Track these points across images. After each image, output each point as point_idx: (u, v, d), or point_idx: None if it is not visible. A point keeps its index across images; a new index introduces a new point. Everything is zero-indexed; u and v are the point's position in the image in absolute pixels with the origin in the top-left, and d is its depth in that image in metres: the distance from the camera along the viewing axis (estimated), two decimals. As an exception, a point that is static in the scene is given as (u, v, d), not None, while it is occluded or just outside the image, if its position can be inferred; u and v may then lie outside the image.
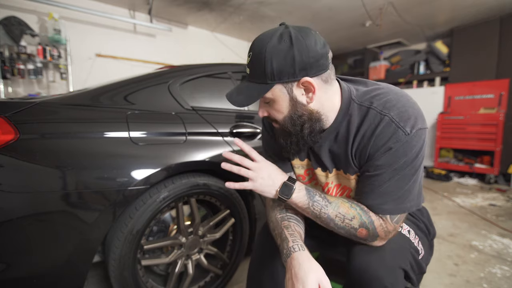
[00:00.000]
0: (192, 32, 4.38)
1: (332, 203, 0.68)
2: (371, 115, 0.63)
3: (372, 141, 0.62)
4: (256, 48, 0.61)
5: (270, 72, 0.59)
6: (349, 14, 3.78)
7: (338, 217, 0.66)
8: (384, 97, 0.64)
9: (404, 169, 0.61)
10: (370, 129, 0.63)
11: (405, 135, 0.59)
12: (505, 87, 3.77)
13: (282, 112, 0.65)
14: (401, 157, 0.60)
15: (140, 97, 1.20)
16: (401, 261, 0.66)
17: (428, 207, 2.68)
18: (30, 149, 0.86)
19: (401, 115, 0.60)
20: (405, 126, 0.59)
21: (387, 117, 0.61)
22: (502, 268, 1.61)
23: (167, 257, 1.18)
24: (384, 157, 0.61)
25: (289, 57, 0.58)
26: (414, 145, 0.59)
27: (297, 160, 0.82)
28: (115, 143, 1.02)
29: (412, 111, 0.61)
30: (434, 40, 4.70)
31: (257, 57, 0.61)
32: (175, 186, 1.12)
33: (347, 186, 0.75)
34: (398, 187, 0.62)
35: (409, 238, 0.74)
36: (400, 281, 0.64)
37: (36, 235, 0.86)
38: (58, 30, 2.98)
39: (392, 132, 0.60)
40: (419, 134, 0.60)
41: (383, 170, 0.62)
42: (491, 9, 3.64)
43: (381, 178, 0.62)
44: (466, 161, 4.08)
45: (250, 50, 0.63)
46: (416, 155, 0.60)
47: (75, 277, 0.95)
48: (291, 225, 0.71)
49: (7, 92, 2.83)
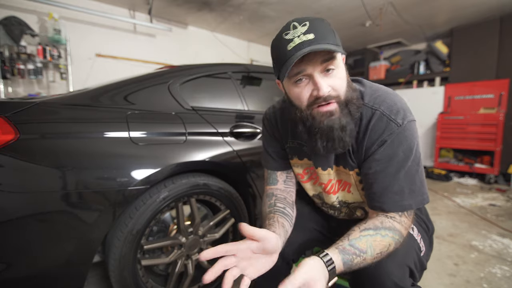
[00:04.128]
0: (192, 32, 4.38)
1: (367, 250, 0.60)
2: (364, 111, 0.66)
3: (367, 135, 0.65)
4: (310, 18, 0.59)
5: (337, 39, 0.61)
6: (349, 14, 3.78)
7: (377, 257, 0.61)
8: (373, 94, 0.67)
9: (406, 161, 0.63)
10: (363, 124, 0.66)
11: (398, 127, 0.62)
12: (505, 87, 3.77)
13: (344, 80, 0.63)
14: (397, 147, 0.62)
15: (140, 97, 1.20)
16: (408, 259, 0.67)
17: (428, 207, 2.68)
18: (30, 149, 0.86)
19: (391, 109, 0.64)
20: (396, 118, 0.63)
21: (378, 111, 0.64)
22: (502, 268, 1.61)
23: (167, 257, 1.18)
24: (381, 151, 0.63)
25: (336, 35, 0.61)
26: (407, 136, 0.62)
27: (296, 159, 0.83)
28: (115, 143, 1.02)
29: (400, 105, 0.65)
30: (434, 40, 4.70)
31: (321, 24, 0.59)
32: (175, 186, 1.12)
33: (347, 182, 0.76)
34: (409, 181, 0.64)
35: (414, 235, 0.75)
36: (407, 277, 0.65)
37: (36, 235, 0.86)
38: (58, 30, 2.98)
39: (385, 125, 0.63)
40: (411, 125, 0.63)
41: (385, 164, 0.63)
42: (491, 9, 3.64)
43: (387, 174, 0.64)
44: (466, 161, 4.08)
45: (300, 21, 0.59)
46: (413, 146, 0.63)
47: (75, 277, 0.95)
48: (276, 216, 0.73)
49: (7, 92, 2.83)
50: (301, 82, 0.62)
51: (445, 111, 4.29)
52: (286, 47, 0.59)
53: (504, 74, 3.84)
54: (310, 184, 0.85)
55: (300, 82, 0.62)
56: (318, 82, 0.59)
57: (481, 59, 4.06)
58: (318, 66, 0.59)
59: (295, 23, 0.59)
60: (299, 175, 0.85)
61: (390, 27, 4.24)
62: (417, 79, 4.78)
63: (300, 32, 0.58)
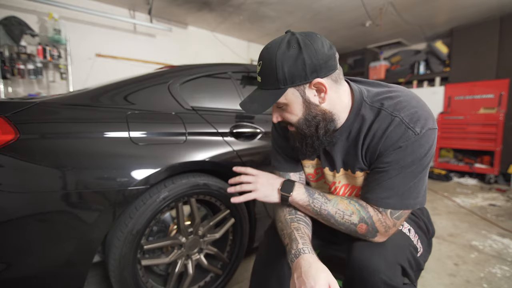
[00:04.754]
0: (192, 32, 4.38)
1: (332, 200, 0.72)
2: (382, 116, 0.65)
3: (382, 140, 0.65)
4: (266, 56, 0.63)
5: (282, 77, 0.62)
6: (349, 14, 3.78)
7: (337, 213, 0.70)
8: (395, 99, 0.66)
9: (411, 166, 0.63)
10: (381, 129, 0.65)
11: (415, 135, 0.62)
12: (505, 87, 3.77)
13: (296, 114, 0.67)
14: (410, 154, 0.62)
15: (140, 97, 1.20)
16: (400, 258, 0.68)
17: (428, 207, 2.69)
18: (30, 149, 0.86)
19: (411, 116, 0.63)
20: (415, 127, 0.62)
21: (398, 118, 0.63)
22: (502, 268, 1.61)
23: (167, 257, 1.18)
24: (393, 155, 0.64)
25: (300, 61, 0.60)
26: (422, 144, 0.62)
27: (307, 160, 0.83)
28: (115, 143, 1.02)
29: (422, 112, 0.63)
30: (434, 40, 4.70)
31: (268, 65, 0.63)
32: (175, 186, 1.12)
33: (355, 186, 0.76)
34: (403, 183, 0.64)
35: (409, 236, 0.75)
36: (398, 276, 0.66)
37: (36, 235, 0.86)
38: (58, 30, 2.98)
39: (403, 132, 0.62)
40: (428, 134, 0.62)
41: (391, 166, 0.64)
42: (491, 9, 3.64)
43: (388, 174, 0.65)
44: (466, 161, 4.08)
45: (259, 59, 0.66)
46: (424, 154, 0.62)
47: (75, 277, 0.95)
48: (301, 227, 0.72)
49: (7, 92, 2.83)
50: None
51: (445, 111, 4.29)
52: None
53: (504, 74, 3.84)
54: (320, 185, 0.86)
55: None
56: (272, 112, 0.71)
57: (481, 59, 4.06)
58: None
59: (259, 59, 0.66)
60: (310, 175, 0.86)
61: (390, 27, 4.24)
62: (417, 79, 4.78)
63: (258, 70, 0.66)
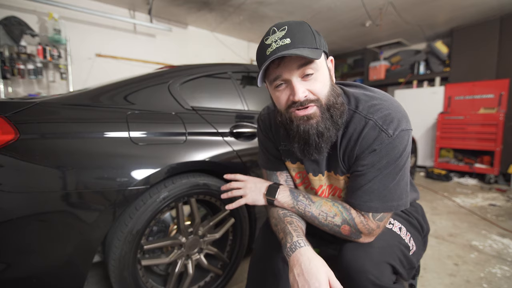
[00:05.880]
0: (192, 32, 4.38)
1: (316, 202, 0.73)
2: (357, 119, 0.66)
3: (358, 143, 0.65)
4: (290, 22, 0.61)
5: (318, 39, 0.61)
6: (349, 14, 3.78)
7: (321, 215, 0.71)
8: (369, 101, 0.66)
9: (387, 168, 0.63)
10: (356, 132, 0.66)
11: (388, 137, 0.62)
12: (505, 87, 3.77)
13: (326, 84, 0.63)
14: (384, 156, 0.63)
15: (140, 97, 1.20)
16: (389, 257, 0.69)
17: (428, 207, 2.69)
18: (30, 149, 0.86)
19: (385, 119, 0.63)
20: (388, 129, 0.62)
21: (371, 121, 0.64)
22: (502, 268, 1.61)
23: (167, 257, 1.18)
24: (369, 157, 0.64)
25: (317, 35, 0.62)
26: (396, 146, 0.62)
27: (289, 163, 0.84)
28: (115, 143, 1.02)
29: (395, 114, 0.63)
30: (434, 40, 4.70)
31: (299, 27, 0.60)
32: (175, 186, 1.12)
33: (337, 187, 0.77)
34: (382, 185, 0.64)
35: (400, 235, 0.75)
36: (386, 275, 0.66)
37: (36, 235, 0.86)
38: (58, 30, 2.98)
39: (376, 135, 0.63)
40: (402, 135, 0.62)
41: (368, 169, 0.65)
42: (491, 9, 3.64)
43: (366, 177, 0.65)
44: (466, 161, 4.08)
45: (279, 26, 0.61)
46: (399, 155, 0.63)
47: (75, 277, 0.95)
48: (294, 221, 0.72)
49: (7, 92, 2.83)
50: (280, 87, 0.64)
51: (445, 111, 4.29)
52: (265, 52, 0.61)
53: (504, 74, 3.84)
54: (303, 188, 0.86)
55: (279, 86, 0.64)
56: (295, 87, 0.60)
57: (481, 59, 4.06)
58: (295, 71, 0.60)
59: (275, 27, 0.61)
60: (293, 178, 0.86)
61: (390, 27, 4.24)
62: (417, 79, 4.78)
63: (277, 37, 0.59)
